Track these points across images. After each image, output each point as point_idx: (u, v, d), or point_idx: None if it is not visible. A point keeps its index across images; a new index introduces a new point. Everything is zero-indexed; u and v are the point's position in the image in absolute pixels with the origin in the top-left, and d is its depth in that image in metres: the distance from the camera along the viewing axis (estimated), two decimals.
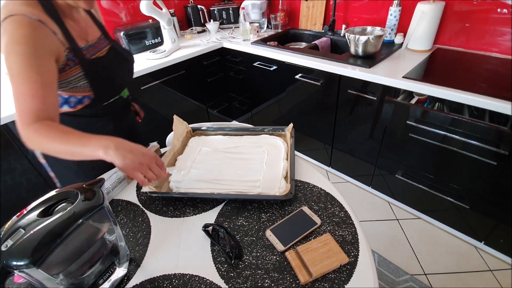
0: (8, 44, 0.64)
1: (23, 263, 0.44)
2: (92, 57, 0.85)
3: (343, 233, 0.70)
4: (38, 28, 0.68)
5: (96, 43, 0.87)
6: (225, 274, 0.64)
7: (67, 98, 0.82)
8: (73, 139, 0.66)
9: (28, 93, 0.65)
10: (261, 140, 1.03)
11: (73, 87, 0.81)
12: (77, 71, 0.79)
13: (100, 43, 0.89)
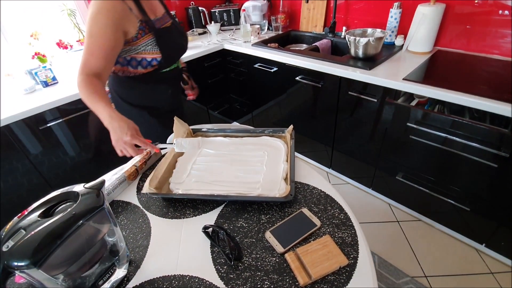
0: (93, 12, 0.85)
1: (24, 264, 0.45)
2: (161, 27, 1.03)
3: (342, 235, 0.70)
4: (118, 4, 0.88)
5: (162, 17, 1.05)
6: (225, 275, 0.64)
7: (140, 60, 1.01)
8: (94, 102, 0.85)
9: (91, 51, 0.87)
10: (262, 141, 1.03)
11: (145, 50, 1.00)
12: (149, 37, 0.99)
13: (164, 17, 1.07)
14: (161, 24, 1.04)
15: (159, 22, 1.04)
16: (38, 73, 1.59)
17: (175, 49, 1.13)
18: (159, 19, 1.04)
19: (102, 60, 0.88)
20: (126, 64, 1.02)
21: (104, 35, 0.86)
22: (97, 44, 0.86)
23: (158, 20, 1.03)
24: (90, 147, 1.72)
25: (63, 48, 1.88)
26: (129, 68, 1.03)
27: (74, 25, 1.88)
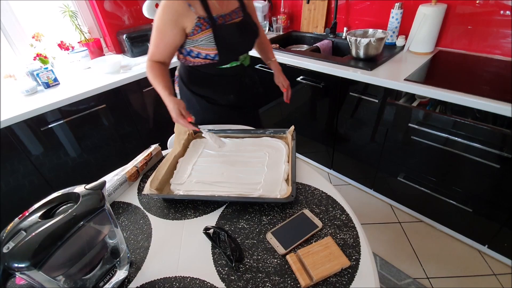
0: (159, 9, 0.97)
1: (24, 265, 0.44)
2: (225, 23, 1.05)
3: (344, 236, 0.70)
4: (177, 2, 0.96)
5: (231, 13, 1.06)
6: (226, 277, 0.64)
7: (197, 53, 1.07)
8: (156, 84, 1.02)
9: (155, 43, 1.03)
10: (263, 142, 1.03)
11: (201, 45, 1.04)
12: (206, 33, 1.01)
13: (234, 13, 1.07)
14: (227, 20, 1.04)
15: (224, 18, 1.04)
16: (40, 74, 1.59)
17: (233, 47, 1.10)
18: (226, 15, 1.04)
19: (163, 51, 1.04)
20: (186, 54, 1.10)
21: (164, 30, 0.99)
22: (159, 37, 1.01)
23: (223, 16, 1.03)
24: (92, 148, 1.73)
25: (64, 50, 1.88)
26: (189, 58, 1.11)
27: (76, 26, 1.89)
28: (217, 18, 1.02)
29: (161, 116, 2.02)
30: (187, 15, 0.98)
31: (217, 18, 1.02)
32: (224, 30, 1.04)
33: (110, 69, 1.76)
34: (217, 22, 1.02)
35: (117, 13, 2.04)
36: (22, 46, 1.79)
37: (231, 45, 1.09)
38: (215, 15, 1.01)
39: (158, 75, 1.03)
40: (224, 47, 1.06)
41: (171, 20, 0.98)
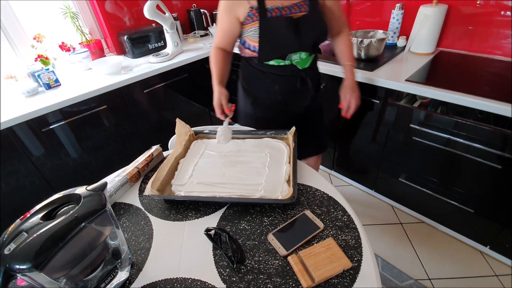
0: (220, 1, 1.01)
1: (25, 267, 0.44)
2: (279, 16, 0.98)
3: (346, 238, 0.70)
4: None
5: (291, 6, 0.98)
6: (227, 278, 0.63)
7: (248, 44, 1.08)
8: (211, 70, 1.10)
9: (217, 31, 1.09)
10: (264, 143, 1.03)
11: (249, 36, 1.04)
12: (255, 25, 0.99)
13: (295, 7, 0.98)
14: (284, 13, 0.97)
15: (281, 11, 0.97)
16: (41, 75, 1.59)
17: (276, 43, 1.01)
18: (284, 8, 0.97)
19: (221, 38, 1.08)
20: (242, 44, 1.12)
21: (222, 19, 1.03)
22: (219, 26, 1.05)
23: (280, 8, 0.97)
24: (93, 149, 1.73)
25: (65, 51, 1.89)
26: (243, 48, 1.12)
27: (77, 27, 1.89)
28: (272, 10, 0.96)
29: (162, 117, 2.02)
30: (240, 4, 0.97)
31: (271, 10, 0.96)
32: (272, 24, 0.97)
33: (111, 70, 1.76)
34: (268, 14, 0.97)
35: (118, 14, 2.04)
36: (23, 47, 1.79)
37: (274, 41, 1.01)
38: (270, 6, 0.96)
39: (215, 62, 1.08)
40: (265, 41, 1.00)
41: (226, 7, 0.99)
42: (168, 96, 1.99)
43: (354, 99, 1.12)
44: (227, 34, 1.05)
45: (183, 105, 2.13)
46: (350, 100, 1.12)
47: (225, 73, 1.09)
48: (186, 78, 2.00)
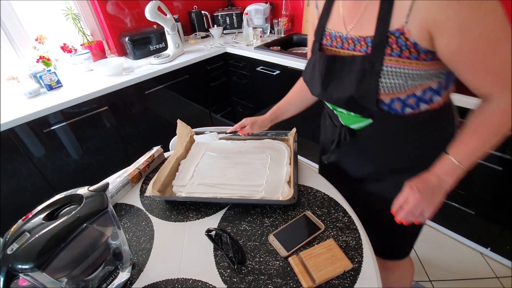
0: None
1: (28, 267, 0.45)
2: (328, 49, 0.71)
3: (346, 239, 0.70)
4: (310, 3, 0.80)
5: (354, 39, 0.64)
6: (228, 279, 0.64)
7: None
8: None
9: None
10: (264, 144, 1.03)
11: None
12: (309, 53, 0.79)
13: (351, 41, 0.65)
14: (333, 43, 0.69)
15: (332, 39, 0.70)
16: (43, 76, 1.60)
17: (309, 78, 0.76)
18: (346, 39, 0.66)
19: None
20: None
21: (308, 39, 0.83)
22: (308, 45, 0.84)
23: (332, 35, 0.69)
24: (94, 150, 1.73)
25: (67, 52, 1.89)
26: None
27: (79, 29, 1.90)
28: (325, 34, 0.71)
29: (162, 118, 2.03)
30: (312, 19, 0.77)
31: (324, 34, 0.71)
32: (318, 58, 0.70)
33: (112, 72, 1.76)
34: (322, 41, 0.72)
35: (119, 16, 2.05)
36: (25, 49, 1.80)
37: (308, 72, 0.77)
38: (330, 28, 0.70)
39: (289, 92, 0.98)
40: (304, 76, 0.79)
41: (309, 23, 0.82)
42: (169, 98, 1.99)
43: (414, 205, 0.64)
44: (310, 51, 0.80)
45: (184, 106, 2.14)
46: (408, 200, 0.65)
47: (286, 109, 0.95)
48: (187, 79, 2.01)
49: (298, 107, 1.00)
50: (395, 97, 0.63)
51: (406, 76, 0.59)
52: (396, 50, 0.58)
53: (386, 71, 0.60)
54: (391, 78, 0.60)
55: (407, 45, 0.56)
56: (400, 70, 0.59)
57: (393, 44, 0.58)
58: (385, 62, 0.59)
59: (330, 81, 0.69)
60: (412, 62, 0.58)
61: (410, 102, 0.64)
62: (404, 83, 0.60)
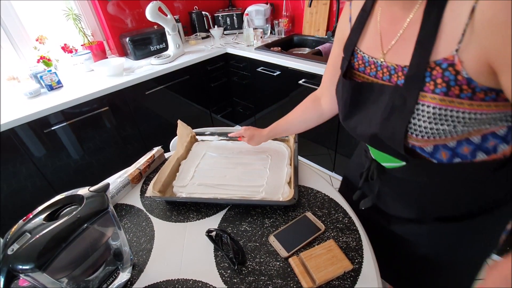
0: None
1: (28, 267, 0.45)
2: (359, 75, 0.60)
3: (347, 240, 0.70)
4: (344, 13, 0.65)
5: (390, 68, 0.52)
6: (229, 279, 0.64)
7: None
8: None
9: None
10: (265, 145, 1.03)
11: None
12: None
13: (386, 69, 0.53)
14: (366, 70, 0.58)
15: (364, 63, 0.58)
16: (43, 76, 1.60)
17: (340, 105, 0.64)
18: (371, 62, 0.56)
19: (325, 75, 0.77)
20: None
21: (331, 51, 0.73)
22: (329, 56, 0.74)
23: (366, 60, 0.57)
24: (95, 150, 1.73)
25: (68, 52, 1.90)
26: None
27: (79, 29, 1.90)
28: (357, 56, 0.59)
29: (163, 118, 2.03)
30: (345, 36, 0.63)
31: (356, 56, 0.59)
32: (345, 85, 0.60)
33: (113, 72, 1.77)
34: (352, 61, 0.61)
35: (120, 16, 2.05)
36: (25, 49, 1.80)
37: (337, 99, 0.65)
38: (363, 49, 0.58)
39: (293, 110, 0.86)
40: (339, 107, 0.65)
41: (336, 33, 0.69)
42: (169, 98, 2.00)
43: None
44: (330, 68, 0.72)
45: (185, 106, 2.14)
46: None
47: (284, 128, 0.87)
48: (187, 80, 2.01)
49: (297, 128, 0.89)
50: (441, 144, 0.49)
51: (455, 120, 0.45)
52: (441, 86, 0.43)
53: (424, 112, 0.46)
54: (432, 123, 0.46)
55: (458, 80, 0.42)
56: (445, 113, 0.44)
57: (438, 78, 0.44)
58: (423, 100, 0.46)
59: (355, 112, 0.59)
60: (464, 103, 0.43)
61: (464, 151, 0.49)
62: (451, 129, 0.46)
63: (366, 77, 0.59)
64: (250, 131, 0.93)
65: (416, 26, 0.46)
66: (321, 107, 0.82)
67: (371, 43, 0.57)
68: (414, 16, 0.47)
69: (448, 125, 0.45)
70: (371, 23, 0.57)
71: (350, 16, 0.62)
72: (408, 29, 0.49)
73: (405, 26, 0.49)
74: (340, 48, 0.64)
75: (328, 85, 0.76)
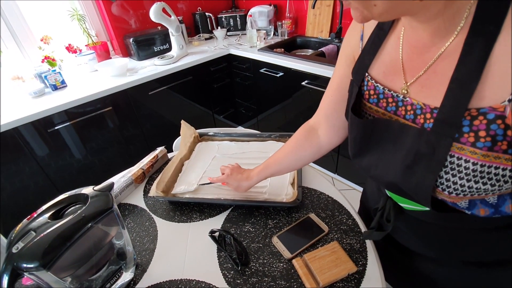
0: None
1: (33, 266, 0.45)
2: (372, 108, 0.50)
3: (351, 241, 0.69)
4: (354, 28, 0.54)
5: (413, 106, 0.43)
6: (232, 280, 0.63)
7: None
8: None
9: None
10: (268, 146, 1.03)
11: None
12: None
13: (410, 107, 0.43)
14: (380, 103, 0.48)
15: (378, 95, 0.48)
16: (48, 76, 1.61)
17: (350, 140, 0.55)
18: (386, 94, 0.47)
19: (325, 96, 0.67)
20: None
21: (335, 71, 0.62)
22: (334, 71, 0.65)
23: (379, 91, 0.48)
24: (97, 150, 1.74)
25: (72, 52, 1.91)
26: None
27: (84, 30, 1.91)
28: (367, 85, 0.50)
29: (166, 119, 2.03)
30: (354, 54, 0.54)
31: (382, 93, 0.47)
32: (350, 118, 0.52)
33: (116, 72, 1.77)
34: (362, 89, 0.51)
35: (124, 17, 2.06)
36: (30, 49, 1.81)
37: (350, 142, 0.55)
38: (378, 83, 0.48)
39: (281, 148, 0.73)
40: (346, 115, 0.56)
41: (342, 48, 0.58)
42: (172, 98, 2.00)
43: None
44: (333, 89, 0.60)
45: (187, 107, 2.14)
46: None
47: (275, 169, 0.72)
48: (190, 80, 2.02)
49: (291, 167, 0.74)
50: (478, 199, 0.42)
51: (500, 179, 0.37)
52: (485, 140, 0.35)
53: (461, 168, 0.37)
54: (471, 180, 0.38)
55: (508, 136, 0.34)
56: (489, 170, 0.36)
57: (481, 131, 0.35)
58: (460, 153, 0.37)
59: (368, 150, 0.49)
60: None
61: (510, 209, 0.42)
62: (494, 188, 0.38)
63: (382, 111, 0.48)
64: (234, 178, 0.77)
65: (451, 58, 0.37)
66: (319, 139, 0.68)
67: (389, 69, 0.46)
68: (451, 46, 0.37)
69: (492, 185, 0.37)
70: (390, 45, 0.46)
71: (362, 32, 0.51)
72: (441, 60, 0.38)
73: (437, 57, 0.39)
74: (348, 68, 0.54)
75: (328, 113, 0.64)
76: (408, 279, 0.68)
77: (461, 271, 0.57)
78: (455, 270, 0.58)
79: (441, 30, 0.37)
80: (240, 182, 0.77)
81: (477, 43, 0.34)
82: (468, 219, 0.47)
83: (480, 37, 0.33)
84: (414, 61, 0.42)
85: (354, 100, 0.51)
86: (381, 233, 0.62)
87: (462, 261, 0.56)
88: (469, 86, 0.34)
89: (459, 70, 0.35)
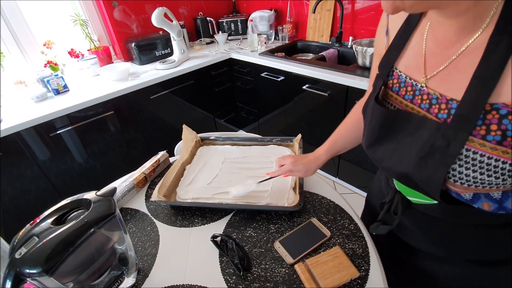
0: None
1: (36, 271, 0.45)
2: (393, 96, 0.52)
3: (353, 246, 0.69)
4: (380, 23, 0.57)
5: (429, 96, 0.45)
6: (234, 286, 0.63)
7: None
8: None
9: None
10: (270, 150, 1.03)
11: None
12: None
13: (433, 102, 0.44)
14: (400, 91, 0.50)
15: (400, 85, 0.50)
16: (50, 81, 1.62)
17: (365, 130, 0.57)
18: (407, 84, 0.49)
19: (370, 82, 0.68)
20: None
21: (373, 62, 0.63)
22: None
23: (402, 79, 0.50)
24: (99, 154, 1.74)
25: (74, 57, 1.92)
26: None
27: (86, 34, 1.93)
28: (393, 74, 0.52)
29: (167, 123, 2.04)
30: (381, 50, 0.56)
31: (392, 74, 0.52)
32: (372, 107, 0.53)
33: (118, 77, 1.78)
34: (387, 80, 0.53)
35: (126, 22, 2.08)
36: (33, 53, 1.82)
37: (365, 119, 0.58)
38: (402, 72, 0.50)
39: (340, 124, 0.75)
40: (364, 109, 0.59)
41: (375, 42, 0.62)
42: (173, 103, 2.01)
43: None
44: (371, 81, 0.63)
45: (189, 111, 2.15)
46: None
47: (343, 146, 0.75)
48: (192, 85, 2.03)
49: (354, 141, 0.76)
50: (482, 193, 0.44)
51: (505, 173, 0.38)
52: (495, 133, 0.37)
53: (469, 159, 0.39)
54: (477, 171, 0.39)
55: None
56: (496, 163, 0.38)
57: (493, 124, 0.37)
58: (469, 145, 0.39)
59: (383, 141, 0.51)
60: None
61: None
62: (499, 181, 0.39)
63: (400, 100, 0.50)
64: (300, 163, 0.76)
65: (474, 55, 0.38)
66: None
67: (412, 62, 0.48)
68: (474, 43, 0.38)
69: (497, 178, 0.38)
70: (415, 39, 0.48)
71: (388, 28, 0.54)
72: (463, 56, 0.40)
73: (460, 53, 0.40)
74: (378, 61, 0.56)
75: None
76: (411, 280, 0.69)
77: (465, 270, 0.57)
78: (459, 269, 0.58)
79: (467, 26, 0.39)
80: (308, 165, 0.77)
81: (501, 42, 0.35)
82: (475, 214, 0.48)
83: (505, 35, 0.35)
84: (436, 56, 0.44)
85: (378, 91, 0.53)
86: (387, 227, 0.63)
87: (466, 259, 0.57)
88: (490, 84, 0.36)
89: (482, 67, 0.37)
